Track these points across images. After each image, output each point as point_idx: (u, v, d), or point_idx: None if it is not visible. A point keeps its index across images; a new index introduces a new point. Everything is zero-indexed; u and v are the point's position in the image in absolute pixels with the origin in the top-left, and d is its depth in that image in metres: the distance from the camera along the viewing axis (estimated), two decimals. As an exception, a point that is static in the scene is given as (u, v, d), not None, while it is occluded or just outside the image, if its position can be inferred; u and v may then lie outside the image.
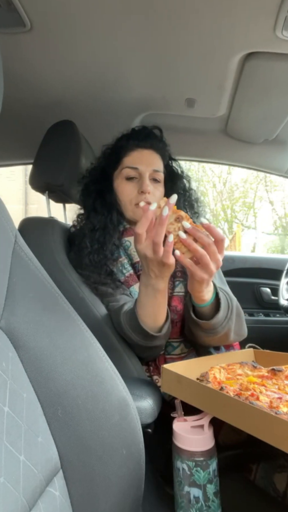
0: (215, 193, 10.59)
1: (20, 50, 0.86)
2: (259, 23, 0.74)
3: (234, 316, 0.80)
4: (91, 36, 0.82)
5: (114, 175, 0.97)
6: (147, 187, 0.91)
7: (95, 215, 0.93)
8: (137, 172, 0.93)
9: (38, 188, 1.08)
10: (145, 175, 0.92)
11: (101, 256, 0.90)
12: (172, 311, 0.89)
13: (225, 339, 0.81)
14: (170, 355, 0.90)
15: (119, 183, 0.95)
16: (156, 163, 0.95)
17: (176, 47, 0.85)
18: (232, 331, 0.80)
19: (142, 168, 0.93)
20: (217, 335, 0.77)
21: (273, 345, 0.89)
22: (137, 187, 0.93)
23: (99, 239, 0.90)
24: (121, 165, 0.95)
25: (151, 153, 0.95)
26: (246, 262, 1.91)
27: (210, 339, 0.79)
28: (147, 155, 0.94)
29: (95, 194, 0.95)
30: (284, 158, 1.42)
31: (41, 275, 0.49)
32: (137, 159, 0.93)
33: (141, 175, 0.93)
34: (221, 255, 0.66)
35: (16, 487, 0.32)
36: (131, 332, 0.78)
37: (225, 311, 0.76)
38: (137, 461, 0.51)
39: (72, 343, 0.47)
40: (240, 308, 0.84)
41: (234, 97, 1.04)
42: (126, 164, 0.93)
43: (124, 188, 0.94)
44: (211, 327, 0.75)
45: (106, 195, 0.95)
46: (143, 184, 0.91)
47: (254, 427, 0.48)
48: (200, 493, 0.55)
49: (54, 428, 0.42)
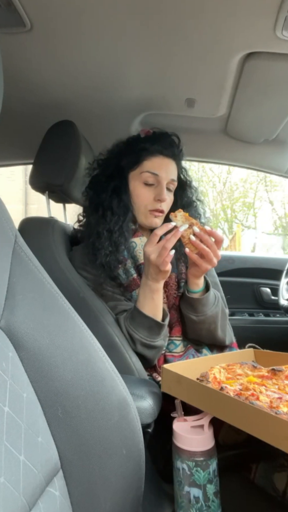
0: (215, 193, 10.59)
1: (20, 50, 0.86)
2: (259, 23, 0.74)
3: (220, 310, 0.93)
4: (91, 36, 0.82)
5: (131, 175, 0.95)
6: (165, 196, 0.92)
7: (112, 216, 0.92)
8: (156, 179, 0.93)
9: (38, 188, 1.08)
10: (163, 183, 0.93)
11: (114, 258, 0.90)
12: (176, 310, 0.96)
13: (214, 329, 0.92)
14: (172, 352, 0.93)
15: (136, 186, 0.94)
16: (174, 173, 0.96)
17: (176, 47, 0.85)
18: (219, 321, 0.92)
19: (162, 176, 0.93)
20: (206, 319, 0.89)
21: (273, 345, 0.89)
22: (153, 193, 0.93)
23: (116, 242, 0.90)
24: (141, 167, 0.94)
25: (171, 162, 0.96)
26: (246, 262, 1.91)
27: (201, 326, 0.90)
28: (167, 163, 0.95)
29: (111, 191, 0.94)
30: (284, 158, 1.42)
31: (41, 275, 0.49)
32: (159, 166, 0.93)
33: (159, 182, 0.93)
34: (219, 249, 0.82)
35: (16, 487, 0.32)
36: (135, 331, 0.83)
37: (213, 297, 0.92)
38: (137, 461, 0.51)
39: (72, 343, 0.47)
40: (224, 307, 0.97)
41: (234, 97, 1.04)
42: (147, 169, 0.93)
43: (141, 192, 0.94)
44: (202, 303, 0.88)
45: (122, 194, 0.94)
46: (161, 192, 0.92)
47: (254, 427, 0.48)
48: (200, 493, 0.55)
49: (54, 428, 0.42)
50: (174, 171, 0.96)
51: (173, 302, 0.96)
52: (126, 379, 0.53)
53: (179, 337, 0.95)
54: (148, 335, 0.84)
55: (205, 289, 0.91)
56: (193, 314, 0.89)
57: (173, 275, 0.97)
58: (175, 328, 0.94)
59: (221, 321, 0.93)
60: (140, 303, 0.85)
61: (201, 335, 0.94)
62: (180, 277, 0.98)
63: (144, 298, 0.84)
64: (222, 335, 0.95)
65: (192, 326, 0.92)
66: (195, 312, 0.89)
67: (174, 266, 0.99)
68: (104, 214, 0.92)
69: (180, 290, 0.97)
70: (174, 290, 0.96)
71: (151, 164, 0.93)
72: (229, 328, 0.99)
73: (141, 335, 0.83)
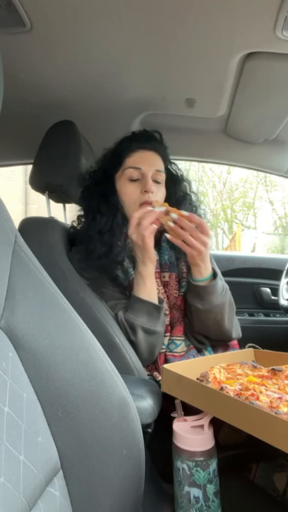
0: (215, 193, 10.59)
1: (20, 50, 0.86)
2: (259, 23, 0.74)
3: (228, 301, 0.92)
4: (91, 36, 0.82)
5: (117, 177, 0.97)
6: (151, 186, 0.92)
7: (100, 218, 0.93)
8: (140, 173, 0.93)
9: (38, 188, 1.08)
10: (148, 175, 0.93)
11: (109, 260, 0.90)
12: (177, 310, 0.96)
13: (220, 320, 0.91)
14: (172, 352, 0.92)
15: (122, 184, 0.95)
16: (158, 164, 0.96)
17: (176, 47, 0.85)
18: (226, 311, 0.91)
19: (144, 168, 0.93)
20: (213, 309, 0.88)
21: (273, 345, 0.89)
22: (140, 187, 0.93)
23: (107, 242, 0.91)
24: (123, 166, 0.95)
25: (153, 154, 0.96)
26: (246, 262, 1.91)
27: (208, 315, 0.89)
28: (149, 156, 0.95)
29: (98, 197, 0.95)
30: (284, 158, 1.42)
31: (41, 275, 0.49)
32: (140, 160, 0.94)
33: (143, 175, 0.93)
34: (206, 235, 0.84)
35: (16, 487, 0.32)
36: (134, 318, 0.85)
37: (220, 287, 0.91)
38: (137, 461, 0.51)
39: (72, 343, 0.47)
40: (232, 299, 0.96)
41: (234, 97, 1.04)
42: (129, 165, 0.94)
43: (127, 188, 0.94)
44: (209, 291, 0.88)
45: (109, 197, 0.95)
46: (146, 183, 0.92)
47: (254, 427, 0.48)
48: (200, 493, 0.55)
49: (54, 428, 0.42)
50: (158, 162, 0.96)
51: (174, 302, 0.96)
52: (126, 379, 0.53)
53: (180, 337, 0.94)
54: (148, 320, 0.85)
55: (212, 279, 0.91)
56: (199, 302, 0.89)
57: (173, 275, 0.97)
58: (177, 327, 0.94)
59: (229, 313, 0.92)
60: (135, 291, 0.88)
61: (207, 327, 0.92)
62: (181, 276, 0.98)
63: (138, 285, 0.88)
64: (229, 327, 0.93)
65: (199, 316, 0.91)
66: (201, 301, 0.88)
67: (175, 266, 0.99)
68: (93, 217, 0.94)
69: (181, 290, 0.97)
70: (175, 289, 0.96)
71: (132, 160, 0.94)
72: (237, 322, 0.98)
73: (142, 320, 0.84)
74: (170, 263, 0.99)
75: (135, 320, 0.85)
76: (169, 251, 1.01)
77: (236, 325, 0.98)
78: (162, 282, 0.98)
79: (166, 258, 0.99)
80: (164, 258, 0.99)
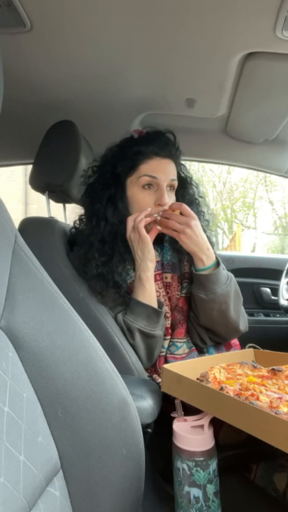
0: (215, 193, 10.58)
1: (20, 50, 0.86)
2: (259, 23, 0.74)
3: (233, 290, 0.90)
4: (91, 36, 0.82)
5: (128, 181, 0.92)
6: (165, 200, 0.89)
7: (105, 225, 0.90)
8: (155, 182, 0.90)
9: (38, 188, 1.08)
10: (163, 186, 0.90)
11: (108, 269, 0.88)
12: (178, 312, 0.95)
13: (225, 309, 0.88)
14: (173, 354, 0.92)
15: (135, 192, 0.91)
16: (173, 173, 0.93)
17: (176, 47, 0.85)
18: (231, 300, 0.88)
19: (161, 178, 0.90)
20: (217, 298, 0.86)
21: (273, 345, 0.89)
22: (154, 196, 0.90)
23: (107, 252, 0.89)
24: (138, 172, 0.90)
25: (169, 162, 0.92)
26: (246, 262, 1.91)
27: (211, 305, 0.87)
28: (165, 164, 0.92)
29: (106, 200, 0.91)
30: (284, 158, 1.42)
31: (41, 275, 0.49)
32: (156, 168, 0.90)
33: (159, 185, 0.90)
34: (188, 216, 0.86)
35: (16, 487, 0.32)
36: (134, 321, 0.85)
37: (224, 276, 0.89)
38: (137, 461, 0.51)
39: (72, 343, 0.47)
40: (238, 289, 0.94)
41: (234, 97, 1.04)
42: (144, 172, 0.90)
43: (140, 197, 0.91)
44: (212, 281, 0.86)
45: (118, 202, 0.91)
46: (161, 196, 0.89)
47: (254, 427, 0.48)
48: (200, 493, 0.55)
49: (54, 428, 0.42)
50: (174, 171, 0.93)
51: (175, 304, 0.95)
52: (126, 379, 0.53)
53: (182, 339, 0.93)
54: (147, 324, 0.85)
55: (215, 267, 0.89)
56: (203, 292, 0.86)
57: (175, 276, 0.97)
58: (178, 329, 0.94)
59: (234, 302, 0.89)
60: (135, 293, 0.88)
61: (212, 318, 0.89)
62: (183, 277, 0.97)
63: (137, 288, 0.88)
64: (236, 317, 0.90)
65: (203, 306, 0.88)
66: (205, 290, 0.86)
67: (177, 267, 0.98)
68: (97, 224, 0.90)
69: (183, 291, 0.96)
70: (177, 291, 0.95)
71: (148, 168, 0.90)
72: (244, 314, 0.95)
73: (140, 324, 0.84)
74: (172, 264, 0.98)
75: (134, 323, 0.84)
76: (172, 252, 0.99)
77: (244, 316, 0.94)
78: (164, 283, 0.96)
79: (169, 259, 0.98)
80: (167, 258, 0.98)
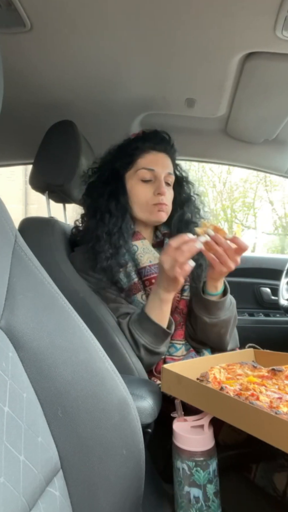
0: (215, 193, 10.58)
1: (20, 50, 0.86)
2: (259, 23, 0.74)
3: (233, 315, 0.93)
4: (91, 36, 0.82)
5: (127, 176, 0.96)
6: (164, 188, 0.92)
7: (110, 218, 0.92)
8: (153, 174, 0.93)
9: (38, 188, 1.08)
10: (161, 177, 0.93)
11: (115, 261, 0.89)
12: (179, 314, 0.96)
13: (223, 334, 0.92)
14: (172, 356, 0.92)
15: (134, 185, 0.94)
16: (170, 166, 0.97)
17: (176, 47, 0.85)
18: (230, 326, 0.92)
19: (158, 170, 0.93)
20: (219, 323, 0.89)
21: (273, 345, 0.89)
22: (152, 188, 0.93)
23: (115, 244, 0.90)
24: (136, 166, 0.94)
25: (165, 156, 0.96)
26: (246, 262, 1.90)
27: (212, 329, 0.90)
28: (162, 158, 0.95)
29: (108, 195, 0.94)
30: (284, 158, 1.42)
31: (41, 275, 0.49)
32: (153, 161, 0.94)
33: (156, 177, 0.93)
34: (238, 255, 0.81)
35: (16, 487, 0.32)
36: (140, 336, 0.83)
37: (229, 302, 0.92)
38: (137, 461, 0.51)
39: (72, 343, 0.47)
40: (236, 314, 0.96)
41: (234, 97, 1.04)
42: (142, 166, 0.93)
43: (140, 189, 0.94)
44: (218, 307, 0.88)
45: (119, 196, 0.94)
46: (159, 186, 0.92)
47: (254, 427, 0.48)
48: (200, 493, 0.55)
49: (54, 428, 0.42)
50: (170, 165, 0.97)
51: (175, 306, 0.95)
52: (126, 379, 0.53)
53: (181, 340, 0.94)
54: (153, 341, 0.84)
55: (222, 293, 0.91)
56: (207, 316, 0.89)
57: None
58: (177, 331, 0.94)
59: (232, 327, 0.94)
60: (148, 308, 0.84)
61: (209, 338, 0.93)
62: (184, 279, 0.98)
63: (153, 307, 0.83)
64: (229, 339, 0.95)
65: (203, 328, 0.91)
66: (209, 314, 0.89)
67: None
68: (102, 217, 0.92)
69: (184, 294, 0.96)
70: (177, 293, 0.96)
71: (145, 161, 0.94)
72: (235, 334, 1.00)
73: (146, 340, 0.83)
74: None
75: (140, 339, 0.83)
76: None
77: (235, 337, 1.00)
78: None
79: None
80: None
